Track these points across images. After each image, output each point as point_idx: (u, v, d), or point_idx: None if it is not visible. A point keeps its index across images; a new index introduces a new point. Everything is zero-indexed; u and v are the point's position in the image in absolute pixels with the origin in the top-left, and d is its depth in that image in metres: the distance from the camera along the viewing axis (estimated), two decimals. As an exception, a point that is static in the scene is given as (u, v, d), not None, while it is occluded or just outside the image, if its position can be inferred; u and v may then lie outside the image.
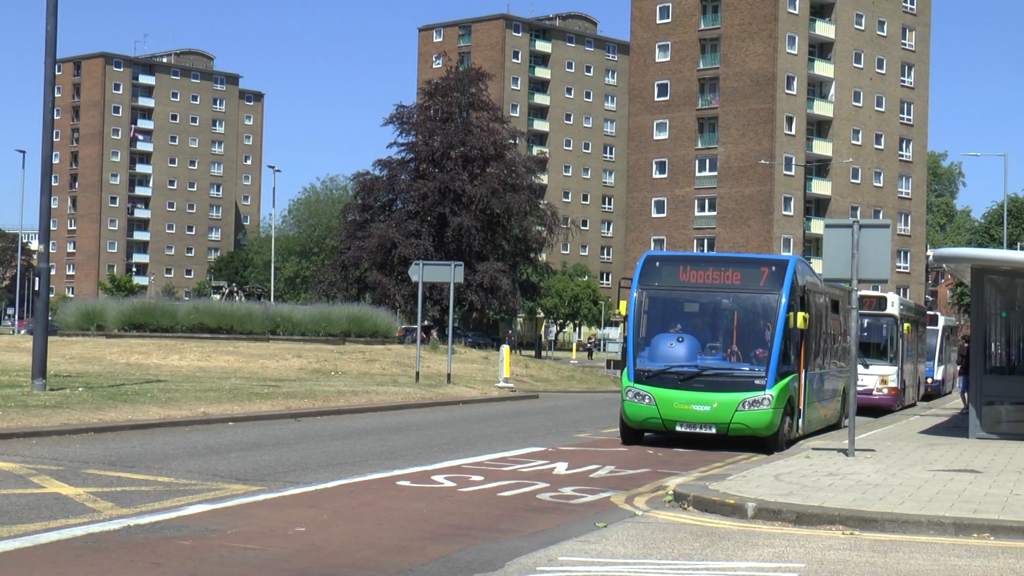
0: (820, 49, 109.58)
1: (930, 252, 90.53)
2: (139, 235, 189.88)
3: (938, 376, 45.73)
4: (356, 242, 73.18)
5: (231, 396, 28.73)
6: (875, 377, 33.88)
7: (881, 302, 34.44)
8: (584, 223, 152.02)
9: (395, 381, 39.20)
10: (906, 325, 35.72)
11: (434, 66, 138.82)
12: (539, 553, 11.30)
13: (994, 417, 24.98)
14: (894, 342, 34.90)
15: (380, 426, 25.42)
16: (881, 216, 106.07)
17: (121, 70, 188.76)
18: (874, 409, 33.07)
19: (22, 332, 76.25)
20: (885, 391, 34.41)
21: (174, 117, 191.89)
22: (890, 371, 34.51)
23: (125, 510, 12.92)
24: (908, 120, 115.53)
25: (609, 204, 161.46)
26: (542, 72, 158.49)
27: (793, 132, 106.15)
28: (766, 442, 22.05)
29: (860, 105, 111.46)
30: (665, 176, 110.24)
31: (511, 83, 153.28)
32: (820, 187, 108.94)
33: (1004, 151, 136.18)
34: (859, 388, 30.27)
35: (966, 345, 39.88)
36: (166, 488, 14.68)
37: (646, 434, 23.18)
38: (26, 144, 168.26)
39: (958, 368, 41.99)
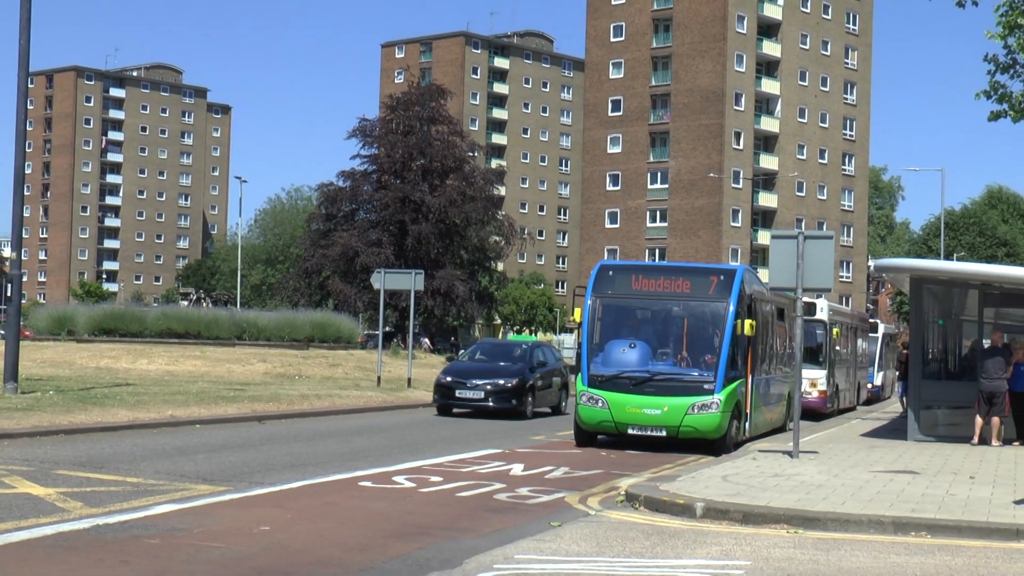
0: (767, 67, 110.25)
1: (871, 262, 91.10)
2: (109, 243, 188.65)
3: (878, 381, 45.96)
4: (320, 250, 72.90)
5: (198, 399, 28.58)
6: (805, 380, 33.59)
7: (811, 308, 33.83)
8: (540, 233, 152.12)
9: (357, 385, 39.09)
10: (835, 330, 35.66)
11: (396, 81, 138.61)
12: (496, 551, 11.30)
13: (931, 420, 25.19)
14: (824, 347, 34.79)
15: (343, 429, 25.35)
16: (825, 228, 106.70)
17: (92, 83, 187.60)
18: (804, 412, 33.08)
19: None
20: (815, 394, 34.18)
21: (144, 129, 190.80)
22: (819, 375, 34.36)
23: (94, 509, 12.83)
24: (851, 136, 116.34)
25: (564, 215, 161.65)
26: (500, 88, 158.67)
27: (741, 147, 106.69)
28: (714, 444, 22.12)
29: (805, 121, 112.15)
30: (618, 188, 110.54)
31: (470, 98, 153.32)
32: (767, 200, 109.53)
33: (941, 166, 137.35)
34: None
35: (904, 352, 40.18)
36: (134, 488, 14.59)
37: (599, 437, 23.21)
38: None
39: (896, 374, 42.27)
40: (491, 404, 29.56)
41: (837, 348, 36.76)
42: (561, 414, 31.78)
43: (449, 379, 30.58)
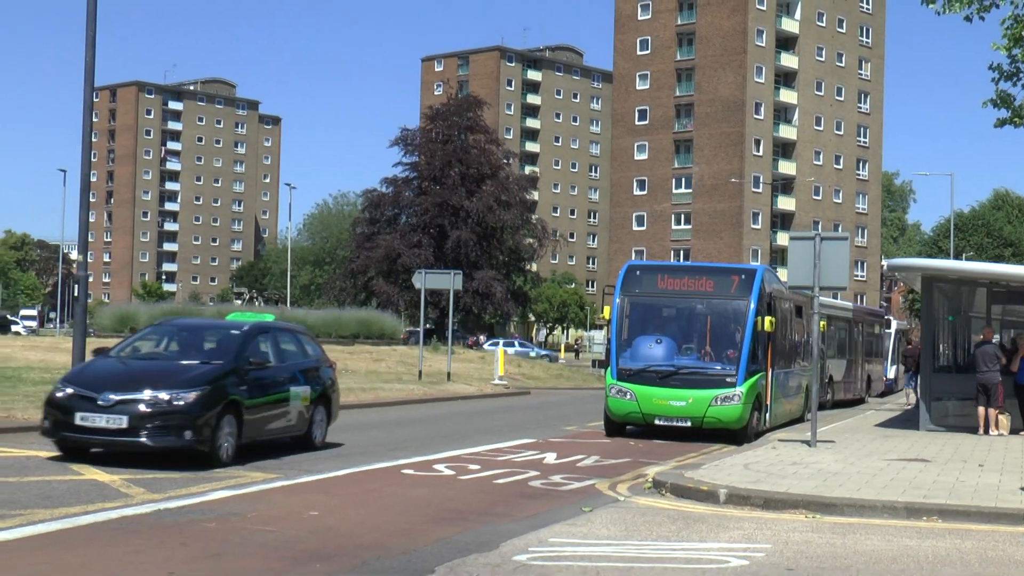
0: (785, 78, 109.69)
1: (885, 262, 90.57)
2: (168, 246, 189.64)
3: (891, 375, 45.63)
4: (364, 252, 73.15)
5: (251, 392, 28.61)
6: None
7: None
8: (571, 235, 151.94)
9: (400, 379, 39.14)
10: (822, 323, 35.26)
11: (435, 93, 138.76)
12: (531, 535, 11.28)
13: (942, 412, 25.01)
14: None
15: (386, 420, 25.39)
16: (840, 229, 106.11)
17: (152, 97, 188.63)
18: None
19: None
20: None
21: (200, 139, 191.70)
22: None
23: (155, 495, 12.89)
24: (864, 142, 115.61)
25: (594, 218, 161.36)
26: (533, 98, 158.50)
27: (761, 153, 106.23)
28: (736, 434, 22.04)
29: (821, 129, 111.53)
30: (645, 193, 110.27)
31: (505, 108, 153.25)
32: (785, 203, 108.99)
33: (951, 171, 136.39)
34: None
35: (909, 346, 39.91)
36: (192, 476, 14.64)
37: (628, 427, 23.16)
38: (67, 164, 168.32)
39: (903, 367, 41.96)
40: (144, 440, 15.02)
41: (843, 340, 36.52)
42: (312, 448, 17.99)
43: (69, 392, 15.48)
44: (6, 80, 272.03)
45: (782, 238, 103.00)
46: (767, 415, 24.02)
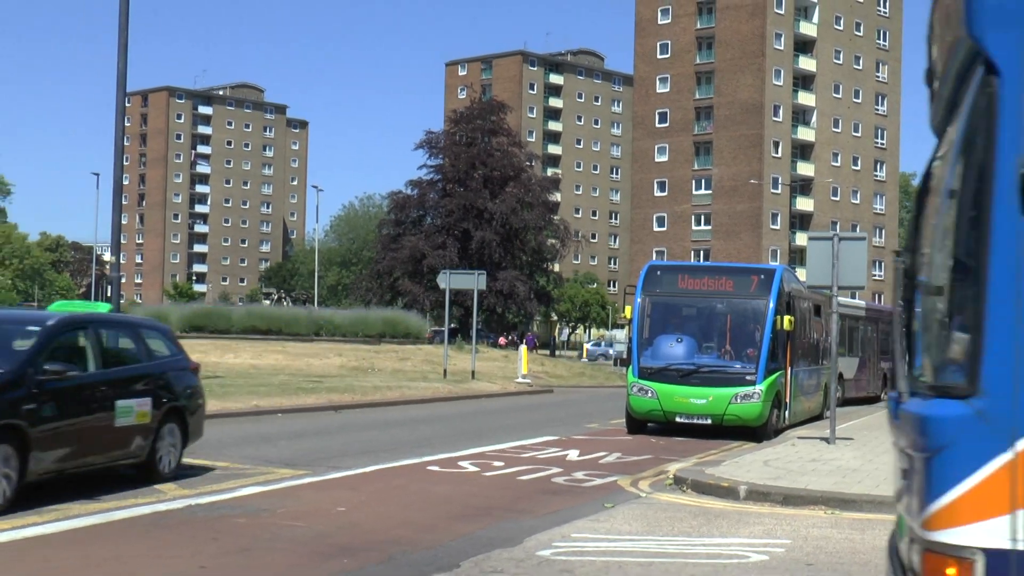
0: (803, 81, 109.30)
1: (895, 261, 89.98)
2: (198, 247, 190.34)
3: None
4: (390, 253, 73.26)
5: (280, 390, 28.79)
6: None
7: None
8: (593, 236, 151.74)
9: (425, 377, 39.20)
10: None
11: (459, 97, 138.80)
12: (554, 530, 11.29)
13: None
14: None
15: (412, 417, 25.43)
16: (858, 230, 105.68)
17: (183, 101, 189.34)
18: None
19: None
20: None
21: (229, 143, 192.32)
22: None
23: (187, 491, 12.96)
24: (882, 144, 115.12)
25: (615, 219, 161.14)
26: (555, 102, 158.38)
27: (779, 155, 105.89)
28: (756, 432, 21.99)
29: (839, 131, 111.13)
30: (665, 194, 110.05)
31: (528, 112, 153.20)
32: (804, 204, 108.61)
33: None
34: None
35: None
36: (223, 472, 14.71)
37: (649, 425, 23.13)
38: (100, 167, 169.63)
39: None
40: None
41: (858, 338, 36.60)
42: (158, 479, 13.65)
43: None
44: (41, 86, 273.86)
45: (801, 238, 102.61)
46: (786, 412, 23.95)
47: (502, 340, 77.84)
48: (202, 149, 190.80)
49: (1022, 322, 4.25)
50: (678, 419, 22.23)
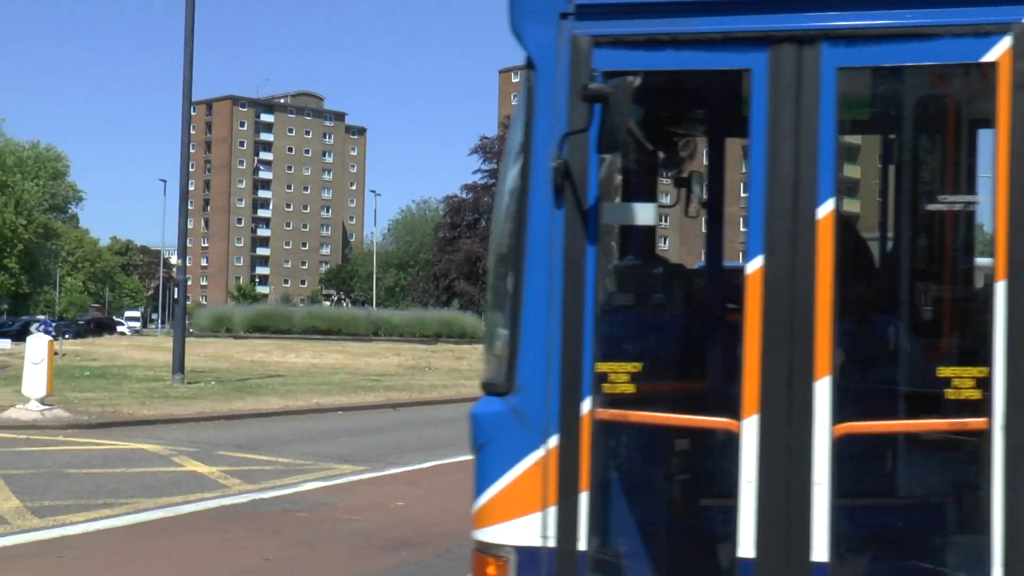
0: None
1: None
2: (261, 251, 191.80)
3: None
4: (446, 255, 73.49)
5: (340, 389, 28.91)
6: None
7: None
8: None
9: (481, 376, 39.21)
10: None
11: (512, 103, 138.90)
12: (605, 525, 11.26)
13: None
14: None
15: (468, 414, 25.44)
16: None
17: (245, 110, 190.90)
18: None
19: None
20: None
21: (290, 150, 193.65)
22: None
23: (251, 486, 13.07)
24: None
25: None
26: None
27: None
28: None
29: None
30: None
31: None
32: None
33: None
34: None
35: None
36: (285, 468, 14.81)
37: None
38: (167, 174, 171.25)
39: None
40: None
41: None
42: None
43: None
44: (111, 96, 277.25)
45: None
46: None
47: None
48: (264, 155, 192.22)
49: (557, 319, 4.06)
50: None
